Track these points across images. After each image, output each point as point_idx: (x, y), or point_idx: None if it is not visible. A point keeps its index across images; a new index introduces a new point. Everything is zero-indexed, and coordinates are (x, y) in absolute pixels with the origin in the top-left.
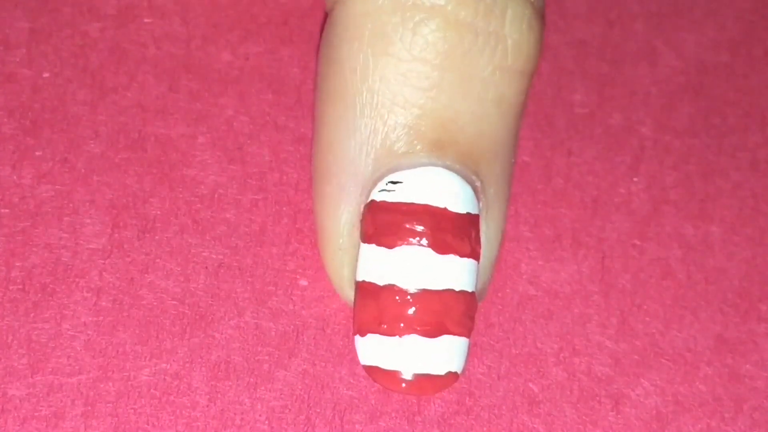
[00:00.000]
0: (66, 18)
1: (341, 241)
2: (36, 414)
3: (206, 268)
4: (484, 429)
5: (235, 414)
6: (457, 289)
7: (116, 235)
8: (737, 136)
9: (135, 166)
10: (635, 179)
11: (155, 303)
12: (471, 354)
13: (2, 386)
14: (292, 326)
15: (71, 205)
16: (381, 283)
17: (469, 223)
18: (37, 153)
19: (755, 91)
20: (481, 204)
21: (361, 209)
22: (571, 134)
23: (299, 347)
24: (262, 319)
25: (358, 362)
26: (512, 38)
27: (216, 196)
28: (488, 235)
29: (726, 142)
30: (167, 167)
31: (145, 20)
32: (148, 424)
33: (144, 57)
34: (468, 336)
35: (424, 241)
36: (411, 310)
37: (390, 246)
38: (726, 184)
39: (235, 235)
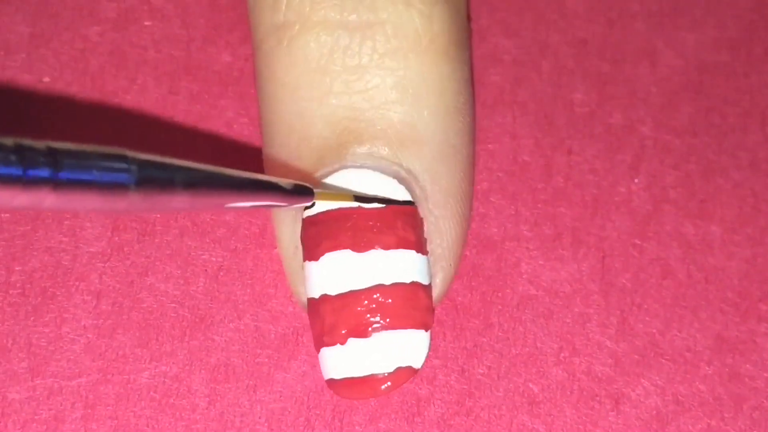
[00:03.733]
0: (66, 22)
1: (291, 264)
2: (36, 417)
3: (206, 270)
4: (484, 429)
5: (234, 416)
6: (387, 282)
7: (116, 238)
8: (737, 135)
9: None
10: (636, 180)
11: (155, 306)
12: (470, 354)
13: (2, 389)
14: (291, 329)
15: None
16: (317, 296)
17: (393, 213)
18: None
19: (755, 91)
20: (417, 192)
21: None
22: (571, 133)
23: (299, 350)
24: (261, 322)
25: None
26: (391, 22)
27: None
28: (435, 222)
29: (726, 141)
30: None
31: (145, 23)
32: (147, 427)
33: (144, 60)
34: (418, 327)
35: (343, 244)
36: (342, 315)
37: (316, 258)
38: (726, 183)
39: (234, 238)
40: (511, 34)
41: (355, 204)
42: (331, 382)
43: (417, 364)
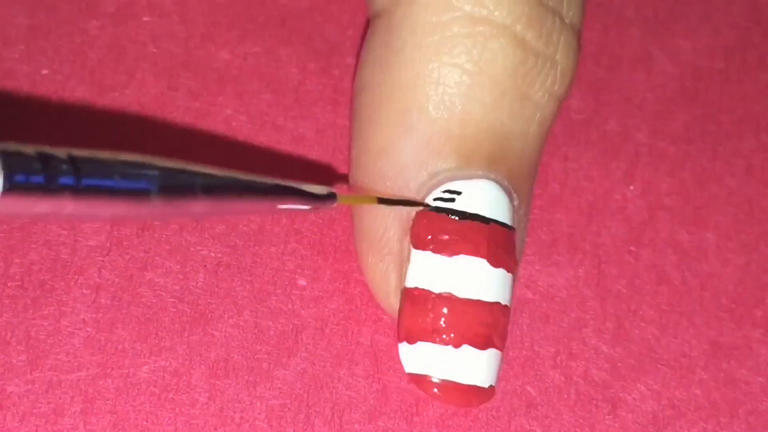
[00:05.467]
0: (65, 15)
1: (389, 246)
2: (35, 410)
3: (205, 266)
4: (482, 431)
5: (234, 412)
6: (503, 302)
7: (115, 232)
8: (732, 142)
9: None
10: (631, 187)
11: (154, 301)
12: None
13: (1, 383)
14: (290, 325)
15: None
16: (436, 290)
17: (513, 239)
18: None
19: (750, 98)
20: (514, 223)
21: (413, 215)
22: (567, 140)
23: (298, 346)
24: (261, 318)
25: (356, 362)
26: (561, 65)
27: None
28: (517, 254)
29: (721, 148)
30: None
31: (144, 19)
32: (147, 421)
33: (143, 55)
34: (503, 350)
35: (482, 252)
36: (467, 320)
37: (449, 254)
38: (721, 190)
39: (234, 234)
40: None
41: (496, 218)
42: (424, 381)
43: (495, 384)
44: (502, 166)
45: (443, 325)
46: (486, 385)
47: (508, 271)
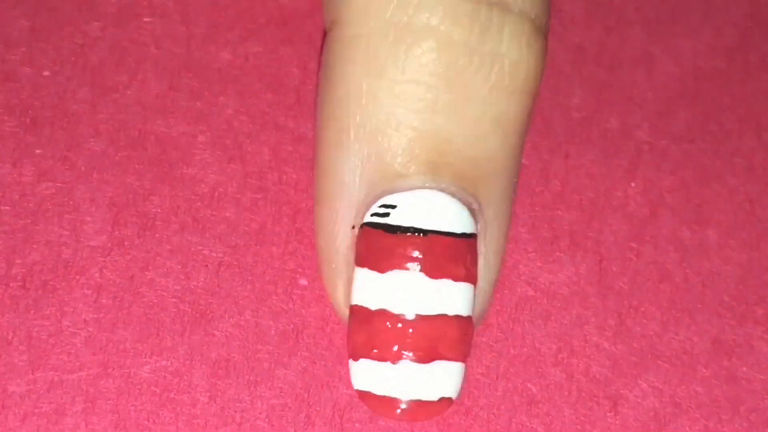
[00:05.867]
0: (66, 16)
1: (335, 264)
2: (36, 411)
3: (206, 266)
4: (483, 429)
5: (235, 412)
6: (450, 314)
7: (117, 232)
8: (733, 141)
9: (135, 165)
10: (633, 184)
11: (155, 301)
12: (470, 353)
13: (2, 383)
14: (291, 325)
15: (72, 202)
16: (373, 307)
17: (466, 246)
18: (37, 151)
19: (751, 97)
20: (479, 225)
21: (356, 232)
22: (568, 138)
23: (299, 346)
24: (262, 318)
25: None
26: (510, 58)
27: (216, 194)
28: (486, 256)
29: (722, 147)
30: (167, 166)
31: (145, 19)
32: (148, 421)
33: (144, 56)
34: (463, 361)
35: (417, 266)
36: (403, 336)
37: (382, 270)
38: (722, 188)
39: (235, 234)
40: None
41: (436, 228)
42: (368, 396)
43: (455, 395)
44: (447, 171)
45: (380, 342)
46: (434, 398)
47: (456, 280)
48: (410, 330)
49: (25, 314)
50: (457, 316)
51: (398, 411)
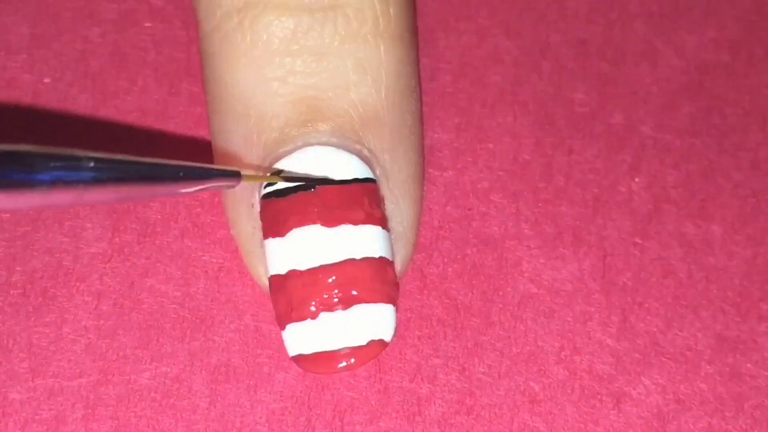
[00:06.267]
0: (66, 23)
1: (248, 246)
2: (37, 417)
3: (206, 272)
4: (485, 428)
5: (235, 416)
6: (357, 257)
7: (117, 239)
8: (738, 135)
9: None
10: (637, 180)
11: (155, 307)
12: (471, 353)
13: (3, 390)
14: None
15: (72, 209)
16: (283, 272)
17: (360, 190)
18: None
19: (756, 91)
20: (377, 171)
21: (257, 210)
22: (572, 133)
23: None
24: (261, 322)
25: None
26: (351, 5)
27: (216, 200)
28: (395, 201)
29: (727, 141)
30: None
31: (146, 24)
32: (148, 427)
33: (144, 61)
34: (386, 301)
35: (310, 219)
36: (314, 289)
37: (282, 234)
38: (727, 183)
39: (234, 240)
40: (511, 35)
41: (321, 182)
42: (301, 359)
43: (387, 337)
44: (323, 125)
45: (296, 302)
46: (363, 343)
47: (356, 224)
48: (320, 282)
49: (26, 321)
50: (366, 259)
51: (341, 364)
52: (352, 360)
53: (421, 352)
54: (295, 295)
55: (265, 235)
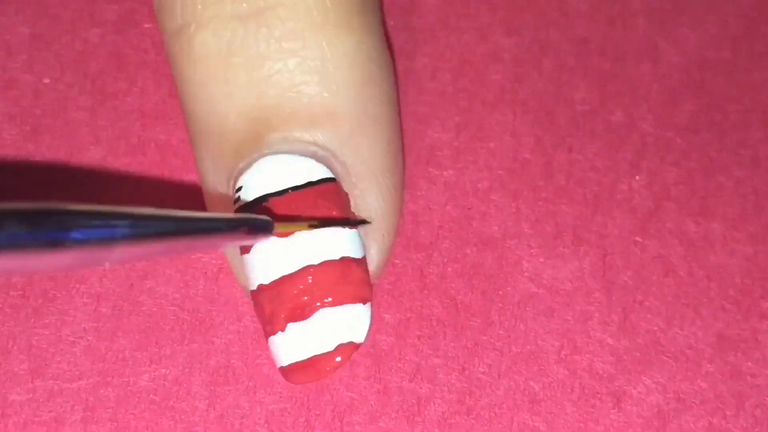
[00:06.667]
0: (66, 24)
1: (233, 261)
2: (36, 419)
3: (205, 273)
4: (485, 428)
5: (234, 418)
6: (316, 262)
7: None
8: (739, 132)
9: (135, 172)
10: (637, 177)
11: (155, 309)
12: (471, 353)
13: (3, 391)
14: None
15: None
16: (255, 287)
17: (314, 194)
18: (37, 159)
19: (757, 88)
20: (338, 169)
21: None
22: (572, 131)
23: None
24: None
25: (357, 363)
26: (282, 4)
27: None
28: (362, 195)
29: (727, 138)
30: (167, 173)
31: (145, 26)
32: (147, 429)
33: (144, 62)
34: (354, 301)
35: (268, 232)
36: (278, 301)
37: (248, 251)
38: (727, 180)
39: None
40: (512, 33)
41: (272, 190)
42: (282, 371)
43: (359, 338)
44: (274, 134)
45: (267, 317)
46: (332, 348)
47: (312, 228)
48: (283, 293)
49: (26, 323)
50: (326, 262)
51: (306, 375)
52: (326, 367)
53: (421, 352)
54: (266, 309)
55: (241, 252)
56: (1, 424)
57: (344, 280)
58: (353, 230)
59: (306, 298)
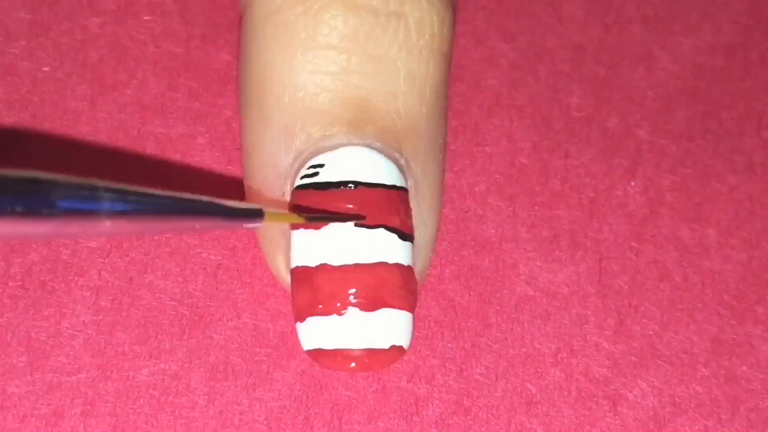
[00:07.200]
0: (66, 11)
1: (271, 235)
2: (35, 412)
3: (205, 269)
4: (482, 429)
5: (233, 414)
6: (390, 261)
7: None
8: (733, 139)
9: (134, 165)
10: (632, 183)
11: (154, 303)
12: (469, 354)
13: (2, 383)
14: (290, 327)
15: None
16: (313, 264)
17: (397, 197)
18: (36, 148)
19: (751, 95)
20: (409, 182)
21: (287, 199)
22: (568, 137)
23: (297, 348)
24: (260, 320)
25: None
26: (413, 16)
27: (214, 196)
28: (421, 214)
29: (722, 145)
30: (166, 167)
31: (145, 17)
32: (146, 424)
33: (143, 54)
34: (409, 310)
35: (352, 217)
36: (346, 286)
37: (317, 227)
38: (722, 187)
39: (233, 237)
40: (508, 39)
41: (365, 180)
42: (318, 353)
43: (406, 344)
44: (369, 128)
45: (324, 296)
46: (385, 346)
47: (391, 230)
48: (352, 280)
49: (24, 315)
50: (398, 265)
51: (352, 364)
52: (372, 362)
53: (419, 353)
54: (323, 289)
55: (295, 226)
56: (0, 416)
57: (407, 287)
58: (411, 243)
59: (374, 292)
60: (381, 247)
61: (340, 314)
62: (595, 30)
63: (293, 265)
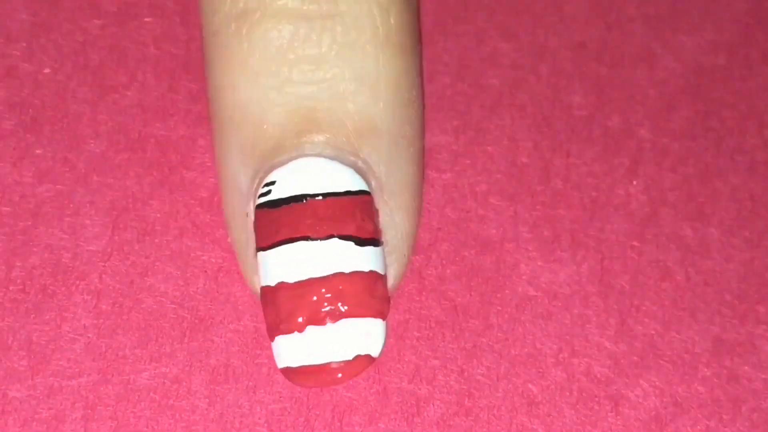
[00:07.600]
0: (67, 13)
1: (244, 255)
2: (36, 416)
3: (206, 271)
4: (484, 430)
5: (234, 417)
6: (347, 271)
7: (116, 237)
8: (735, 138)
9: (135, 168)
10: (634, 183)
11: (155, 306)
12: (470, 355)
13: (3, 388)
14: None
15: (72, 205)
16: (273, 283)
17: (352, 203)
18: (37, 151)
19: (753, 94)
20: (373, 183)
21: (251, 219)
22: (569, 136)
23: None
24: (261, 323)
25: None
26: (350, 14)
27: (216, 199)
28: (392, 213)
29: (724, 144)
30: (167, 169)
31: (146, 19)
32: (147, 428)
33: (144, 56)
34: (375, 316)
35: (300, 231)
36: (302, 303)
37: (272, 246)
38: (724, 186)
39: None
40: (509, 38)
41: (313, 191)
42: (288, 371)
43: (375, 352)
44: (319, 137)
45: (285, 315)
46: (349, 357)
47: (345, 238)
48: (308, 295)
49: (25, 319)
50: (357, 273)
51: (318, 379)
52: (339, 375)
53: (420, 354)
54: (283, 307)
55: (258, 246)
56: (0, 421)
57: (369, 293)
58: (380, 247)
59: (331, 304)
60: (334, 257)
61: (300, 331)
62: (596, 29)
63: (261, 285)
